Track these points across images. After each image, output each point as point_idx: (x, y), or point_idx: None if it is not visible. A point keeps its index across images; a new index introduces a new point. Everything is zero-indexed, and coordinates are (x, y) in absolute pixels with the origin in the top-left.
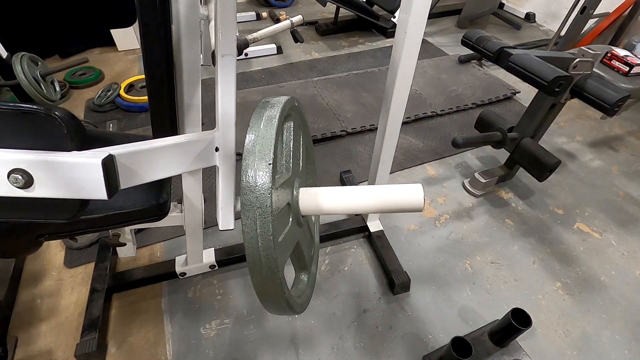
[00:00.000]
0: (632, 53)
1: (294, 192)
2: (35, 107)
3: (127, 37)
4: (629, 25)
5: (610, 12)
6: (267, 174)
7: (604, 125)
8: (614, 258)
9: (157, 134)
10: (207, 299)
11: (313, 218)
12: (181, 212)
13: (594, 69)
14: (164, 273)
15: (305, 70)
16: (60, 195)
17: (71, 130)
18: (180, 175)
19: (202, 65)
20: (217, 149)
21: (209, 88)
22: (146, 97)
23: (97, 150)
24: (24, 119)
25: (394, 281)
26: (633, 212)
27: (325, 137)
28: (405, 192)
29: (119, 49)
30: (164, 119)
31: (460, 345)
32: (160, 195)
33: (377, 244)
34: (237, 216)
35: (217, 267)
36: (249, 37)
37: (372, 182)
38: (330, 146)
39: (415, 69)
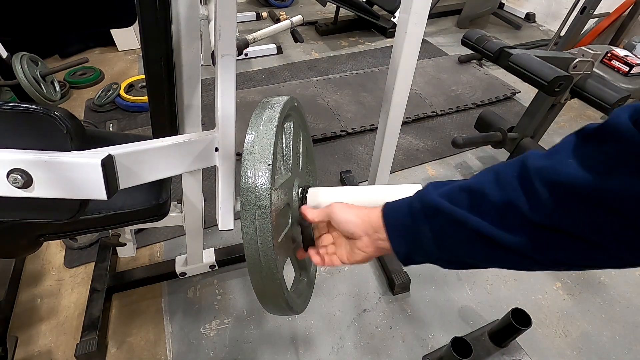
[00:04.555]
0: (632, 53)
1: (294, 192)
2: (34, 107)
3: (127, 37)
4: (629, 25)
5: (610, 12)
6: (267, 175)
7: None
8: None
9: (157, 134)
10: (207, 299)
11: None
12: (181, 212)
13: (594, 69)
14: (164, 273)
15: (305, 70)
16: (60, 195)
17: (71, 130)
18: (180, 175)
19: (202, 65)
20: (216, 149)
21: (209, 88)
22: (146, 97)
23: (97, 151)
24: (24, 119)
25: (394, 281)
26: None
27: (325, 137)
28: (405, 192)
29: (119, 49)
30: (164, 119)
31: (460, 345)
32: (160, 195)
33: None
34: (237, 216)
35: (217, 267)
36: (249, 37)
37: (372, 182)
38: (330, 146)
39: (415, 69)
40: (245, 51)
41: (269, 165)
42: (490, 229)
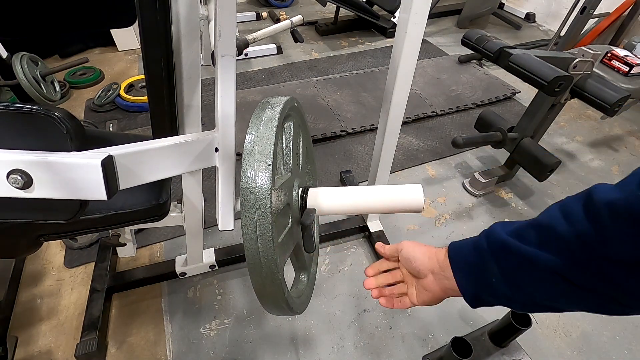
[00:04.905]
0: (632, 53)
1: (294, 192)
2: (34, 107)
3: (127, 37)
4: (629, 25)
5: (610, 12)
6: (267, 175)
7: (604, 125)
8: None
9: (156, 134)
10: (207, 299)
11: None
12: (181, 212)
13: (594, 69)
14: (164, 273)
15: (305, 70)
16: (60, 196)
17: (70, 131)
18: (180, 175)
19: (202, 65)
20: (216, 150)
21: (209, 88)
22: (146, 97)
23: (97, 151)
24: (24, 119)
25: None
26: None
27: (325, 137)
28: (406, 192)
29: (119, 49)
30: (164, 119)
31: (460, 345)
32: (160, 195)
33: None
34: (237, 216)
35: (217, 267)
36: (249, 37)
37: (372, 182)
38: (330, 146)
39: (415, 69)
40: (245, 51)
41: (269, 165)
42: (560, 266)
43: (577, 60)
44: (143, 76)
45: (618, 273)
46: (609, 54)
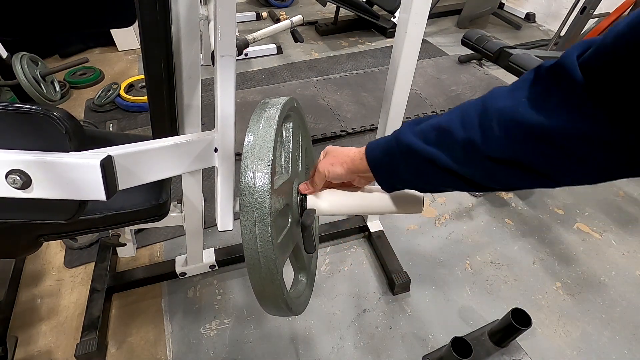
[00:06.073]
0: None
1: (293, 193)
2: (33, 107)
3: (127, 37)
4: None
5: (610, 12)
6: (266, 175)
7: None
8: (614, 258)
9: (156, 134)
10: (207, 299)
11: None
12: (181, 212)
13: None
14: (164, 273)
15: (305, 70)
16: (59, 196)
17: (69, 131)
18: (180, 175)
19: (202, 65)
20: (216, 150)
21: (208, 88)
22: (146, 97)
23: (96, 151)
24: (23, 119)
25: (394, 281)
26: (633, 212)
27: (325, 137)
28: (406, 192)
29: (119, 49)
30: (164, 119)
31: (460, 345)
32: (160, 196)
33: (377, 244)
34: (237, 217)
35: (217, 267)
36: (249, 37)
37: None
38: None
39: (415, 69)
40: (245, 51)
41: (269, 166)
42: (454, 166)
43: None
44: (143, 76)
45: (499, 169)
46: None
